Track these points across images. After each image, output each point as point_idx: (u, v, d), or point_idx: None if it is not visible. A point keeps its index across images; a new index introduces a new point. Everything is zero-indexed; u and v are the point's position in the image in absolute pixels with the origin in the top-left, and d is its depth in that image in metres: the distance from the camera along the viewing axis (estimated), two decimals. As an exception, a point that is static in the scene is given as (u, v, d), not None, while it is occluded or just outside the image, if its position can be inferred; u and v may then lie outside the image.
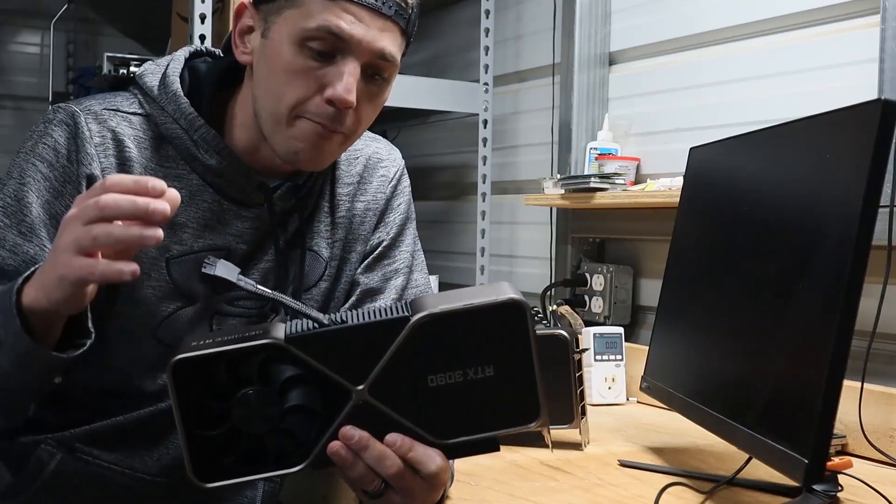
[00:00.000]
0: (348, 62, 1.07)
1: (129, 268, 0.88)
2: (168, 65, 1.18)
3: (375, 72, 1.11)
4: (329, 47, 1.06)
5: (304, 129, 1.09)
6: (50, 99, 3.33)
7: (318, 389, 0.88)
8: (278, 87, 1.09)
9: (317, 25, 1.05)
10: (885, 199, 1.13)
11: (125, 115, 1.15)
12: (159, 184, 0.89)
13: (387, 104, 2.90)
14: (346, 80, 1.06)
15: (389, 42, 1.09)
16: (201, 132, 1.14)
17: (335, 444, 0.88)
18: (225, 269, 0.93)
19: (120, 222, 0.88)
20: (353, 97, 1.07)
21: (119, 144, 1.13)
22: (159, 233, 0.88)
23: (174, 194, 0.90)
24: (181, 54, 1.20)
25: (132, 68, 2.61)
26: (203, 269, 0.92)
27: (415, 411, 0.89)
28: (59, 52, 3.54)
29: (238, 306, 1.19)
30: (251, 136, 1.15)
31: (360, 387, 0.88)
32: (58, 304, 0.93)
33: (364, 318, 0.89)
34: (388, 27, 1.08)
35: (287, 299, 0.94)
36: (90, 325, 1.01)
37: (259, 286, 0.94)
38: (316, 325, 0.89)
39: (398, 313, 0.88)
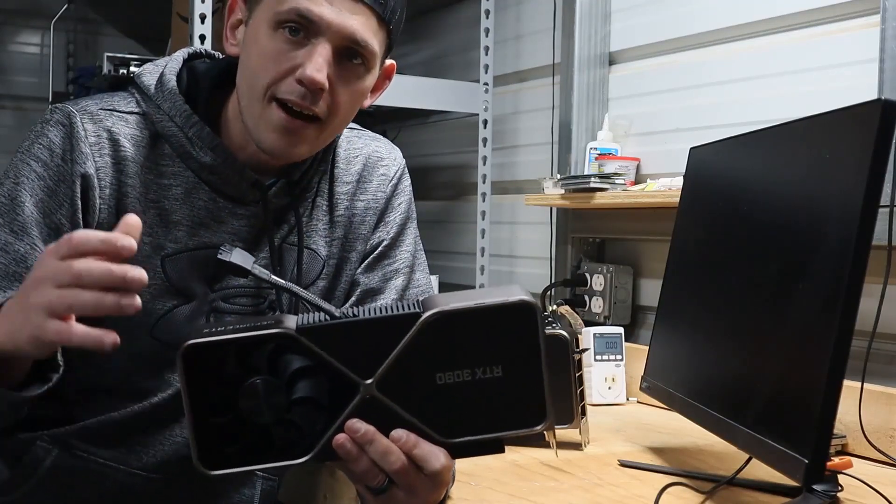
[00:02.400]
0: (319, 44, 1.08)
1: (109, 339, 0.85)
2: (166, 65, 1.19)
3: (351, 55, 1.10)
4: (300, 30, 1.08)
5: (276, 115, 1.10)
6: (50, 99, 3.33)
7: (327, 382, 0.88)
8: (255, 69, 1.10)
9: (287, 8, 1.07)
10: (885, 199, 1.13)
11: (121, 114, 1.15)
12: (128, 242, 0.84)
13: (387, 104, 2.87)
14: (316, 60, 1.07)
15: (361, 26, 1.09)
16: (196, 129, 1.14)
17: (341, 437, 0.88)
18: (240, 257, 0.93)
19: (93, 291, 0.84)
20: (321, 76, 1.07)
21: (115, 144, 1.13)
22: (137, 301, 0.84)
23: (132, 243, 0.85)
24: (179, 55, 1.21)
25: (132, 68, 2.61)
26: (219, 256, 0.92)
27: (421, 408, 0.89)
28: (59, 52, 3.54)
29: (234, 304, 1.19)
30: (240, 129, 1.16)
31: (369, 381, 0.88)
32: (27, 354, 0.91)
33: (376, 314, 0.89)
34: (360, 11, 1.09)
35: (299, 290, 0.94)
36: (59, 357, 1.01)
37: (273, 276, 0.94)
38: (327, 317, 0.89)
39: (410, 310, 0.88)
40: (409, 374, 0.88)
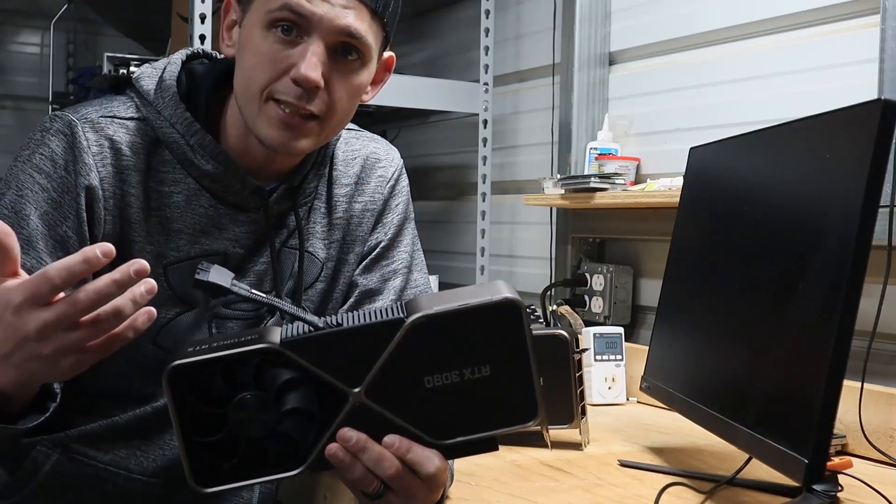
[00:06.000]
0: (312, 42, 1.07)
1: (143, 318, 0.88)
2: (165, 68, 1.18)
3: (346, 50, 1.09)
4: (293, 28, 1.07)
5: (274, 113, 1.09)
6: (50, 99, 3.33)
7: (315, 392, 0.88)
8: (250, 70, 1.10)
9: (279, 5, 1.06)
10: (885, 199, 1.13)
11: (122, 121, 1.14)
12: (105, 248, 0.84)
13: (387, 104, 2.87)
14: (309, 59, 1.06)
15: (355, 19, 1.08)
16: (197, 137, 1.13)
17: (333, 447, 0.88)
18: (218, 275, 0.93)
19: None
20: (316, 75, 1.06)
21: (117, 153, 1.12)
22: (152, 311, 0.88)
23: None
24: (178, 57, 1.20)
25: (132, 68, 2.61)
26: (196, 276, 0.92)
27: (412, 412, 0.89)
28: (59, 52, 3.54)
29: (236, 309, 1.19)
30: (240, 132, 1.15)
31: (357, 389, 0.88)
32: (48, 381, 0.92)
33: (359, 321, 0.88)
34: (353, 5, 1.08)
35: (281, 303, 0.94)
36: (57, 388, 1.00)
37: (253, 290, 0.94)
38: (311, 328, 0.89)
39: (393, 315, 0.88)
40: (396, 379, 0.88)
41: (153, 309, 0.87)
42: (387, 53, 1.19)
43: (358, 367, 0.88)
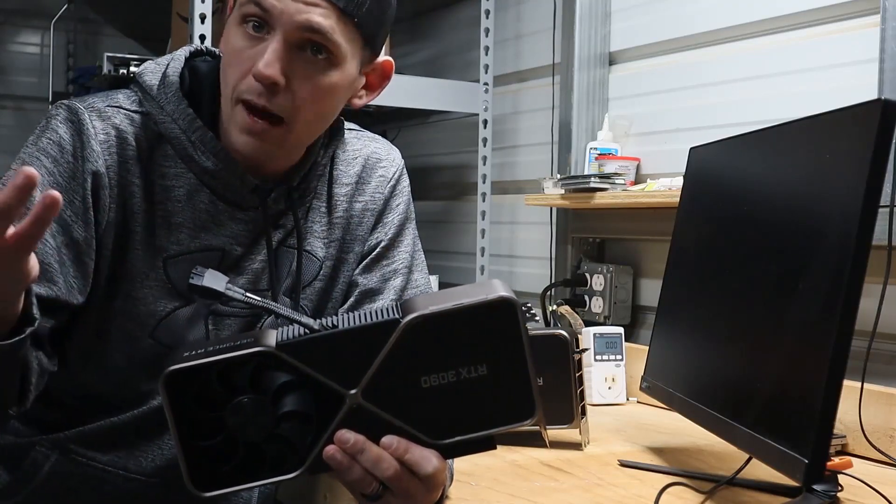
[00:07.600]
0: (273, 37, 1.06)
1: (40, 207, 0.78)
2: (168, 64, 1.18)
3: (314, 48, 1.08)
4: (263, 25, 1.07)
5: (241, 118, 1.09)
6: (50, 99, 3.33)
7: (312, 395, 0.88)
8: (226, 70, 1.10)
9: None
10: (885, 199, 1.13)
11: (127, 112, 1.15)
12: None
13: (387, 104, 2.87)
14: (267, 56, 1.05)
15: (319, 17, 1.06)
16: (199, 134, 1.14)
17: (331, 449, 0.88)
18: (212, 279, 0.93)
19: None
20: (272, 71, 1.05)
21: (122, 142, 1.13)
22: (53, 196, 0.77)
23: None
24: (181, 53, 1.20)
25: (132, 68, 2.60)
26: (191, 280, 0.92)
27: (409, 413, 0.89)
28: (59, 52, 3.53)
29: (233, 307, 1.19)
30: None
31: (354, 391, 0.88)
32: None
33: (355, 322, 0.88)
34: (318, 2, 1.06)
35: (276, 306, 0.94)
36: (35, 311, 0.94)
37: (248, 294, 0.94)
38: (307, 330, 0.89)
39: (389, 316, 0.88)
40: (393, 380, 0.88)
41: (54, 193, 0.79)
42: (384, 57, 1.18)
43: (354, 368, 0.88)
